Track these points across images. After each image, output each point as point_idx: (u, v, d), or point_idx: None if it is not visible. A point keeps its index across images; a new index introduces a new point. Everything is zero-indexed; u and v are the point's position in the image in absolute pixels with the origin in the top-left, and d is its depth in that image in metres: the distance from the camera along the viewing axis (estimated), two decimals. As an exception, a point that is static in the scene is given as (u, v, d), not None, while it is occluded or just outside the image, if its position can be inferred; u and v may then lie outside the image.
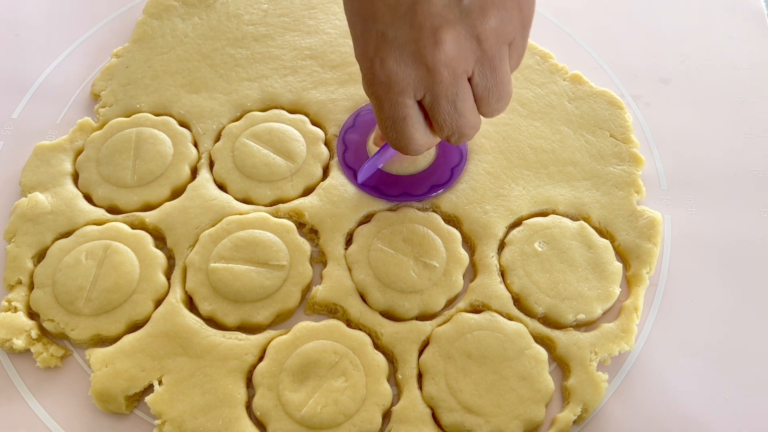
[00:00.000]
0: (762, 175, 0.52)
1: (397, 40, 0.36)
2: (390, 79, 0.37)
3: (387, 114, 0.39)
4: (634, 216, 0.48)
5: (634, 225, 0.48)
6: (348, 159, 0.49)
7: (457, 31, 0.36)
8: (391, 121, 0.40)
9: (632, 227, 0.48)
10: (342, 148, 0.50)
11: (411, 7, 0.35)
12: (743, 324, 0.46)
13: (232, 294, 0.44)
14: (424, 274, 0.45)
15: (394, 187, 0.48)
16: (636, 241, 0.47)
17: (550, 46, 0.57)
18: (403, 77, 0.37)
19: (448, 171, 0.49)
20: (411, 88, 0.38)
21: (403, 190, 0.48)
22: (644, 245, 0.47)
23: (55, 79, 0.56)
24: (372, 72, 0.38)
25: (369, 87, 0.39)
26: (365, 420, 0.40)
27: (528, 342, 0.43)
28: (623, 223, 0.48)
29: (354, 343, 0.42)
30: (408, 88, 0.38)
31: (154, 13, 0.58)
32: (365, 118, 0.51)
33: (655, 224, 0.48)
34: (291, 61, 0.55)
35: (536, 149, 0.51)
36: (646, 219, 0.48)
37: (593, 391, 0.42)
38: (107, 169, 0.49)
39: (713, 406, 0.42)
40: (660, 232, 0.48)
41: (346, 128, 0.51)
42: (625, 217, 0.48)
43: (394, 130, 0.40)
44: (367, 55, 0.38)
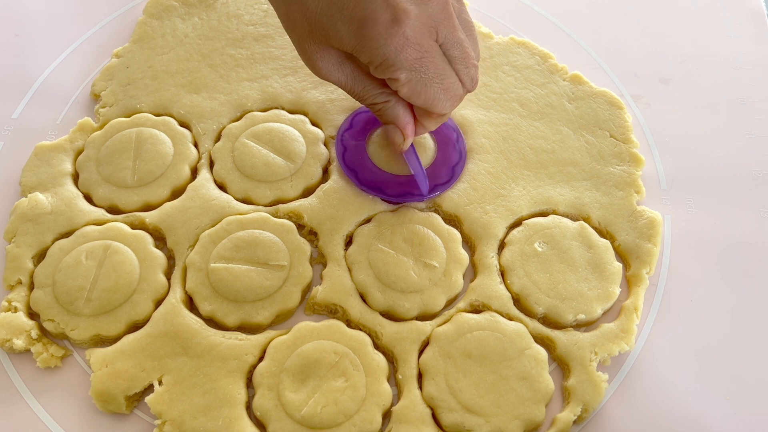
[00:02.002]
0: (762, 175, 0.52)
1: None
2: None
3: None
4: (634, 216, 0.48)
5: (634, 225, 0.48)
6: (348, 160, 0.49)
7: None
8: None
9: (632, 227, 0.48)
10: (341, 149, 0.50)
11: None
12: (743, 324, 0.46)
13: (232, 294, 0.44)
14: (424, 274, 0.45)
15: (396, 187, 0.48)
16: (636, 242, 0.47)
17: (550, 46, 0.57)
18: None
19: (449, 170, 0.49)
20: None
21: (406, 190, 0.48)
22: (644, 245, 0.47)
23: (55, 79, 0.56)
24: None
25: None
26: (365, 420, 0.40)
27: (528, 342, 0.43)
28: (623, 224, 0.48)
29: (354, 343, 0.42)
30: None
31: (154, 13, 0.58)
32: (361, 118, 0.51)
33: (655, 224, 0.48)
34: (291, 61, 0.55)
35: (536, 149, 0.51)
36: (646, 219, 0.48)
37: (593, 391, 0.42)
38: (107, 169, 0.49)
39: (713, 406, 0.42)
40: (660, 232, 0.48)
41: (343, 130, 0.51)
42: (625, 218, 0.48)
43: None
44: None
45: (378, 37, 0.40)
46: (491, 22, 0.60)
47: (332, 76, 0.43)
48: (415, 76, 0.41)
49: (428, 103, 0.43)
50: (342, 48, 0.41)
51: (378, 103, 0.44)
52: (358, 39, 0.40)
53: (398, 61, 0.40)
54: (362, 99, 0.44)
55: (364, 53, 0.40)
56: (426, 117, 0.45)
